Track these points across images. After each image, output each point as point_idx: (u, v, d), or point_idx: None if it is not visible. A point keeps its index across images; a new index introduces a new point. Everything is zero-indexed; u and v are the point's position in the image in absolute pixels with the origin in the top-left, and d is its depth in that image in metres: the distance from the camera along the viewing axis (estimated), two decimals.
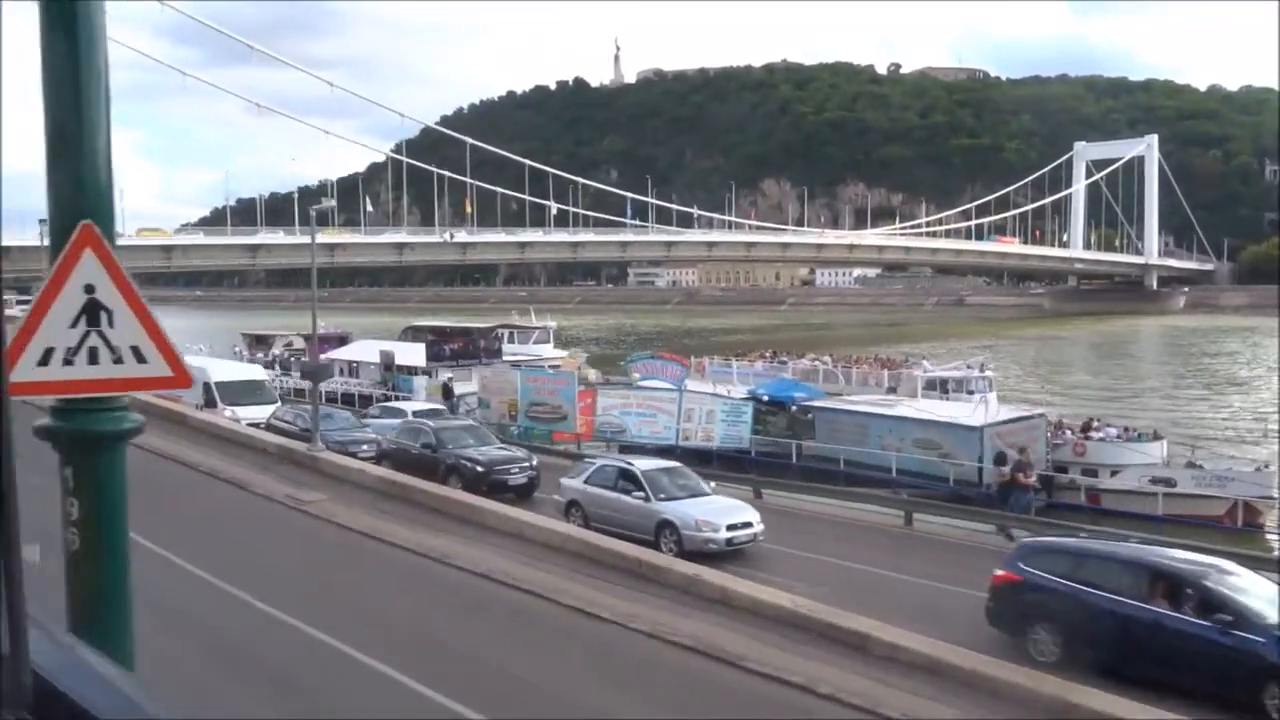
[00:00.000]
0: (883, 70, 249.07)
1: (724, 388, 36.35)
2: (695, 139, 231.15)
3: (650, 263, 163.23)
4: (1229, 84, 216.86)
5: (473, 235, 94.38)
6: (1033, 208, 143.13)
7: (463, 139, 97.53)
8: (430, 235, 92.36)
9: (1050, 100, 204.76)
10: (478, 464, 22.29)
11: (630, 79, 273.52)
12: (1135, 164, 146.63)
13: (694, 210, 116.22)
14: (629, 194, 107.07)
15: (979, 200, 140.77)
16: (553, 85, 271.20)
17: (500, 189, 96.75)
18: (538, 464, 23.40)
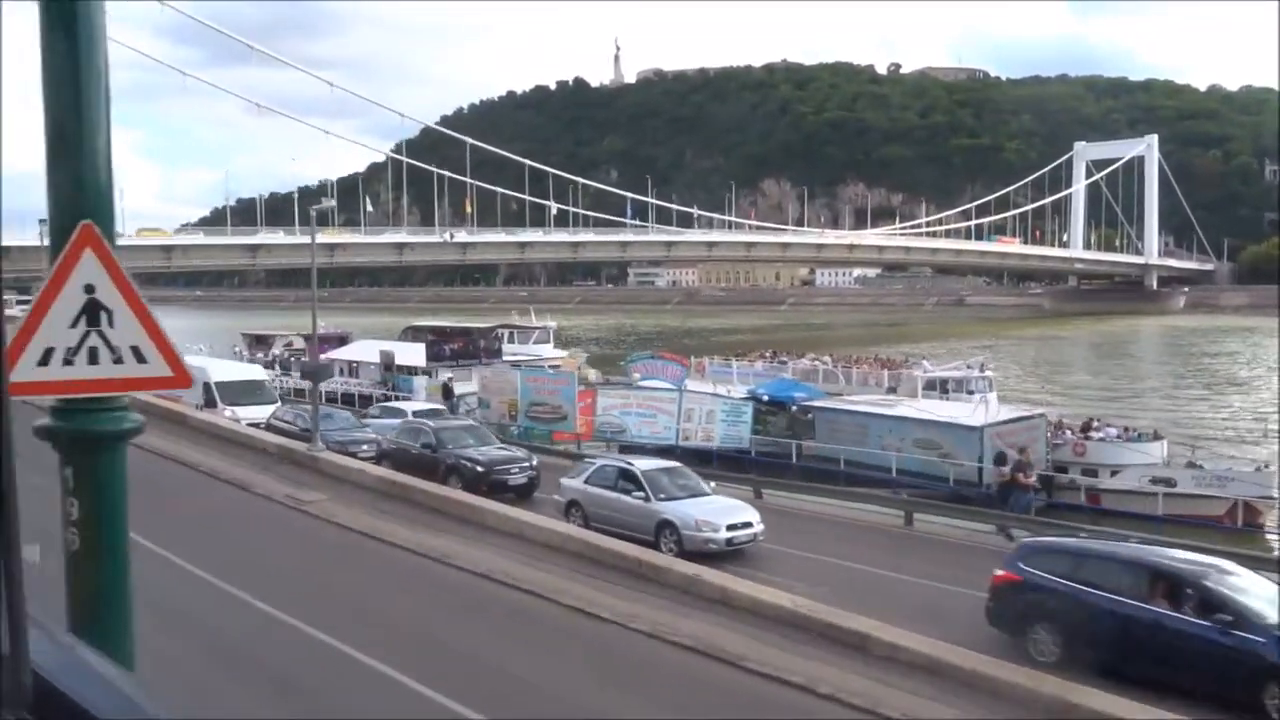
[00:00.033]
0: (883, 70, 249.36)
1: (724, 388, 36.30)
2: (695, 139, 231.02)
3: (650, 263, 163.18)
4: (1229, 84, 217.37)
5: (473, 235, 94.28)
6: (1033, 208, 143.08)
7: (463, 139, 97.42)
8: (430, 235, 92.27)
9: (1050, 100, 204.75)
10: (478, 464, 22.26)
11: (630, 79, 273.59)
12: (1135, 164, 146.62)
13: (694, 210, 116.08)
14: (629, 194, 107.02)
15: (979, 200, 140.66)
16: (553, 85, 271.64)
17: (500, 189, 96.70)
18: (538, 464, 23.38)
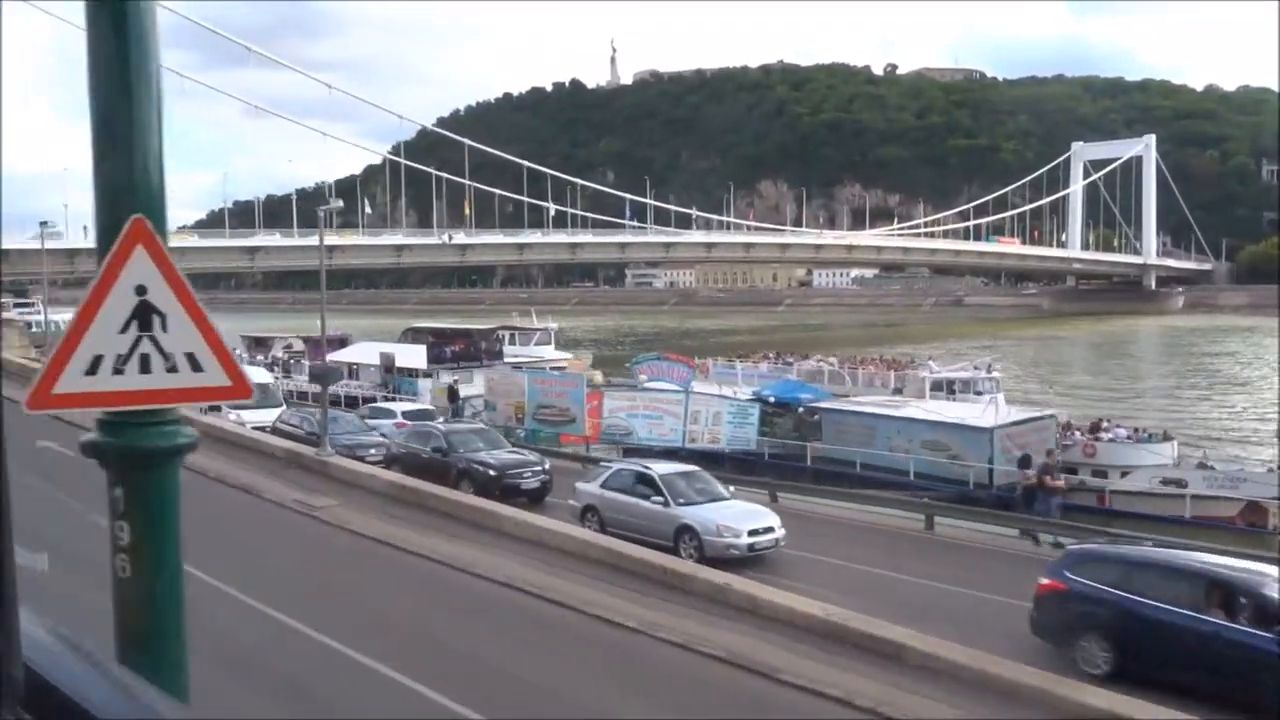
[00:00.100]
0: (879, 71, 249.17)
1: (729, 389, 36.06)
2: (692, 140, 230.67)
3: (648, 264, 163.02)
4: (1226, 84, 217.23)
5: (471, 237, 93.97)
6: (1030, 208, 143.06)
7: (460, 140, 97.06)
8: (429, 237, 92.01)
9: (1047, 100, 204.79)
10: (490, 468, 21.91)
11: (626, 80, 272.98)
12: (1133, 164, 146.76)
13: (692, 211, 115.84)
14: (627, 195, 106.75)
15: (976, 201, 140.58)
16: (549, 87, 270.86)
17: (498, 190, 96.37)
18: (550, 468, 23.03)
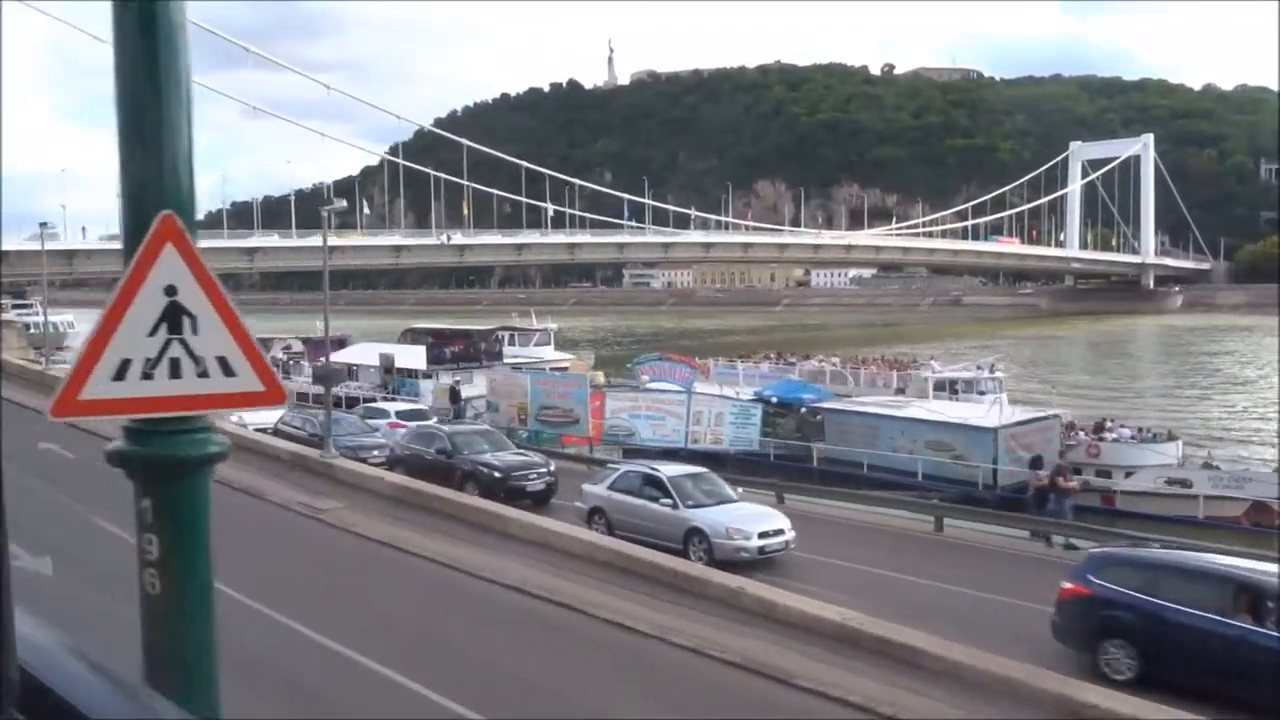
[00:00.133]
0: (876, 71, 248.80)
1: (730, 389, 35.90)
2: (689, 140, 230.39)
3: (645, 264, 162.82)
4: (1223, 83, 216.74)
5: (470, 237, 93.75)
6: (1029, 208, 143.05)
7: (458, 140, 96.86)
8: (427, 238, 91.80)
9: (1044, 100, 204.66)
10: (495, 470, 21.75)
11: (624, 80, 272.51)
12: (1131, 164, 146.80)
13: (691, 211, 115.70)
14: (625, 195, 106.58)
15: (974, 201, 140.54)
16: (546, 87, 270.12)
17: (496, 191, 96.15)
18: (556, 469, 22.85)
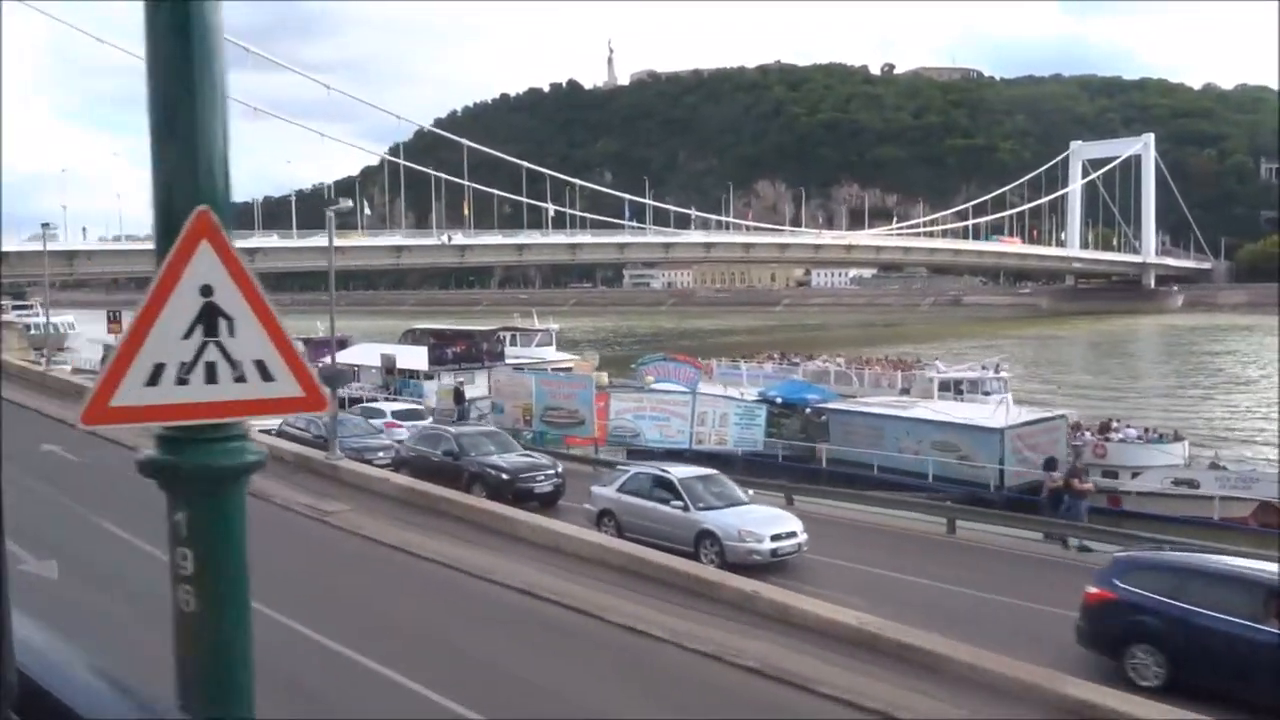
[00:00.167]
0: (876, 71, 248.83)
1: (734, 390, 35.73)
2: (689, 140, 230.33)
3: (646, 264, 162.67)
4: (1223, 82, 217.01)
5: (470, 237, 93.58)
6: (1029, 207, 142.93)
7: (458, 141, 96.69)
8: (428, 238, 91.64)
9: (1044, 100, 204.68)
10: (502, 472, 21.55)
11: (624, 81, 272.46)
12: (1131, 163, 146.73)
13: (691, 211, 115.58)
14: (625, 195, 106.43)
15: (974, 200, 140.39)
16: (546, 87, 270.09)
17: (496, 191, 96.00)
18: (563, 471, 22.65)
